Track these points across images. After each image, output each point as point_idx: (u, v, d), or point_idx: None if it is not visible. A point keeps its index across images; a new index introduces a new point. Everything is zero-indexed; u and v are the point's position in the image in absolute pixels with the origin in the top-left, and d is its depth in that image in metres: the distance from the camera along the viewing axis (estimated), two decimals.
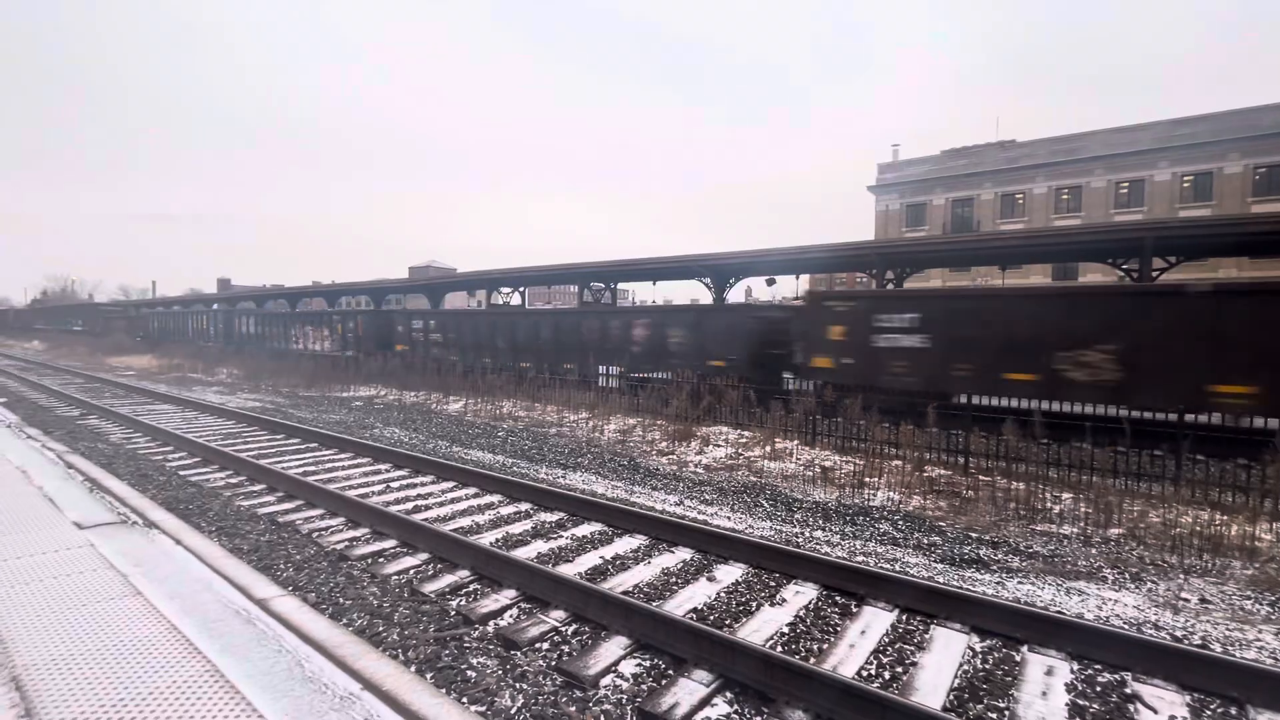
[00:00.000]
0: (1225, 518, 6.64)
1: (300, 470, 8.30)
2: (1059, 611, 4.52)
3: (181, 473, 8.31)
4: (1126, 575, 5.47)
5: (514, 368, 18.47)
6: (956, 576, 5.32)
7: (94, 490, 6.25)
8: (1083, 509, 7.12)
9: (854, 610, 4.56)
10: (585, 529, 6.25)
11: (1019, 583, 5.26)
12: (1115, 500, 7.10)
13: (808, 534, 6.44)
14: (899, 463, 9.09)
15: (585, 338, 17.64)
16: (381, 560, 5.33)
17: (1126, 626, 4.39)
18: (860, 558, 5.69)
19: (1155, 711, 3.40)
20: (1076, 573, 5.54)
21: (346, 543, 5.71)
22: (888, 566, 5.44)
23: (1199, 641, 4.24)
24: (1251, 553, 5.90)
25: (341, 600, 4.53)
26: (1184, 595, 5.06)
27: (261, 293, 44.59)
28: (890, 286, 17.44)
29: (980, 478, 8.32)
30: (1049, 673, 3.75)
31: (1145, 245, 12.85)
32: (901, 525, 6.78)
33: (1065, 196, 36.19)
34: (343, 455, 9.49)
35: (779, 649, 3.96)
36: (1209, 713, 3.42)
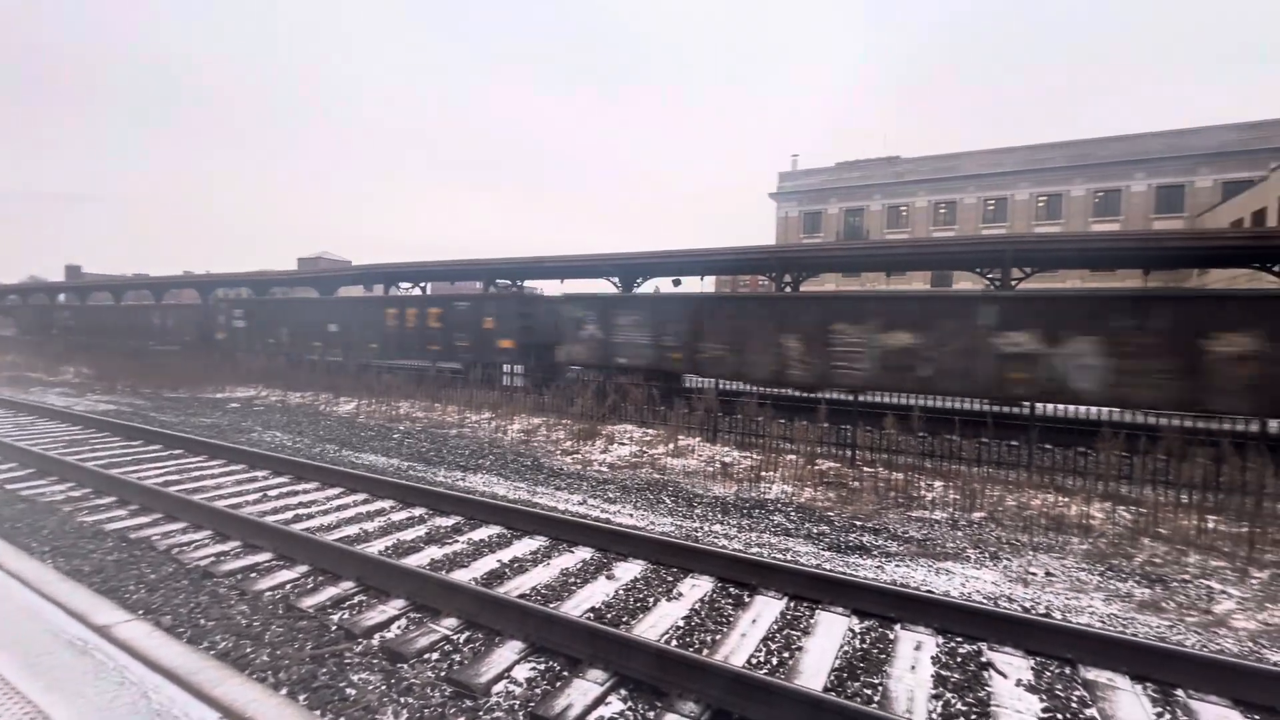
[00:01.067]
0: (1066, 499, 7.51)
1: (160, 480, 7.47)
2: (929, 591, 4.90)
3: (8, 486, 7.22)
4: (986, 554, 6.03)
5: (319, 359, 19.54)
6: (841, 563, 5.64)
7: None
8: (952, 496, 7.79)
9: (746, 600, 4.71)
10: (483, 532, 6.06)
11: (896, 566, 5.66)
12: (979, 487, 7.83)
13: (707, 528, 6.60)
14: (794, 457, 9.54)
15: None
16: (253, 576, 4.89)
17: (985, 601, 4.84)
18: (755, 549, 5.90)
19: (1005, 676, 3.77)
20: (945, 554, 6.04)
21: (212, 558, 5.19)
22: (780, 556, 5.67)
23: (1043, 610, 4.75)
24: (1087, 529, 6.70)
25: (202, 622, 4.11)
26: (1032, 570, 5.66)
27: (120, 282, 39.73)
28: (788, 289, 18.31)
29: (865, 469, 8.90)
30: (917, 648, 4.06)
31: (1006, 257, 14.29)
32: (794, 516, 7.11)
33: (943, 210, 39.61)
34: (213, 462, 8.64)
35: (673, 643, 4.02)
36: (1048, 674, 3.83)
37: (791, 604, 4.65)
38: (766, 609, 4.54)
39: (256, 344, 22.18)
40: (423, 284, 25.73)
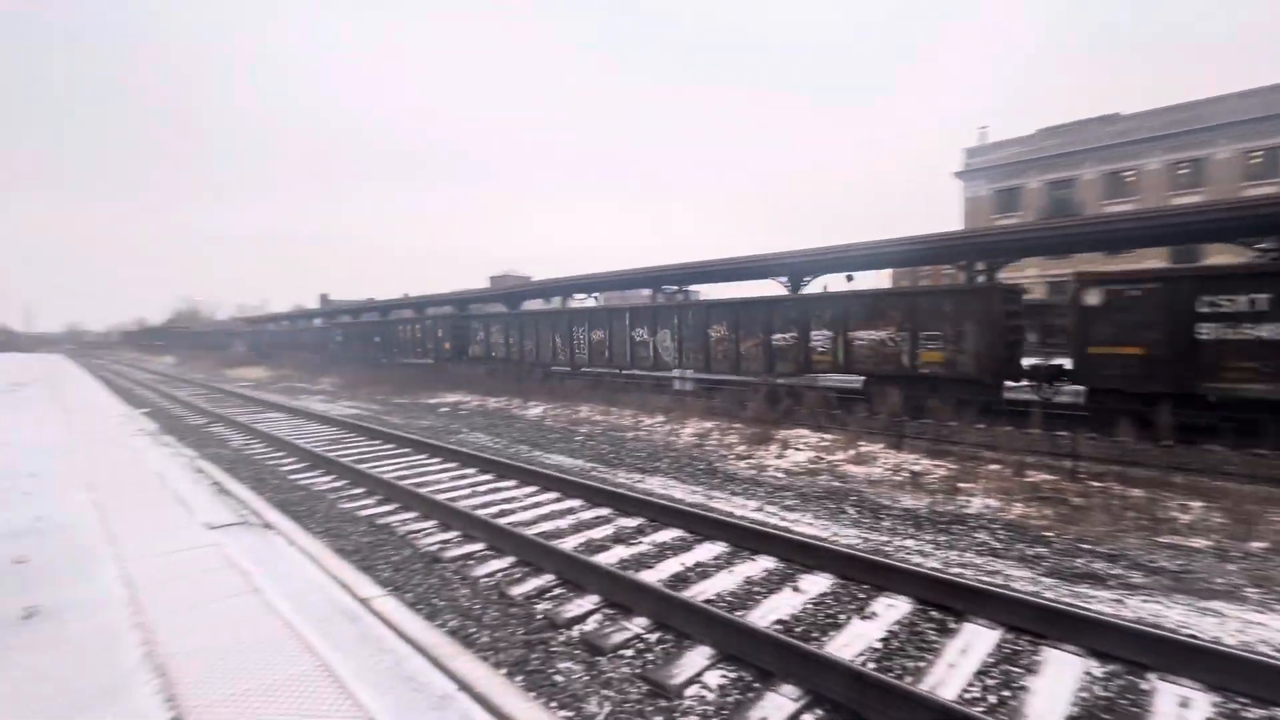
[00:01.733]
0: None
1: (395, 474, 8.79)
2: (1192, 635, 4.07)
3: (291, 477, 9.00)
4: (1274, 595, 4.86)
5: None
6: (1068, 593, 4.91)
7: (219, 493, 6.87)
8: (1216, 519, 6.40)
9: (952, 627, 4.30)
10: (665, 535, 6.25)
11: (1142, 601, 4.79)
12: (1256, 510, 6.34)
13: (897, 543, 6.14)
14: (997, 466, 8.52)
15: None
16: (471, 563, 5.55)
17: (1278, 655, 3.89)
18: (956, 569, 5.36)
19: None
20: (1211, 591, 4.98)
21: (439, 545, 5.98)
22: (988, 580, 5.09)
23: None
24: None
25: (436, 601, 4.75)
26: None
27: (357, 306, 47.71)
28: (981, 279, 16.42)
29: (1091, 483, 7.65)
30: (1184, 704, 3.38)
31: None
32: (1002, 535, 6.34)
33: (1184, 171, 32.75)
34: (432, 460, 9.97)
35: (871, 666, 3.79)
36: None
37: (1009, 636, 4.15)
38: (978, 639, 4.10)
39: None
40: (595, 294, 27.33)
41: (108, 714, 2.80)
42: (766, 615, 4.45)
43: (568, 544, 5.89)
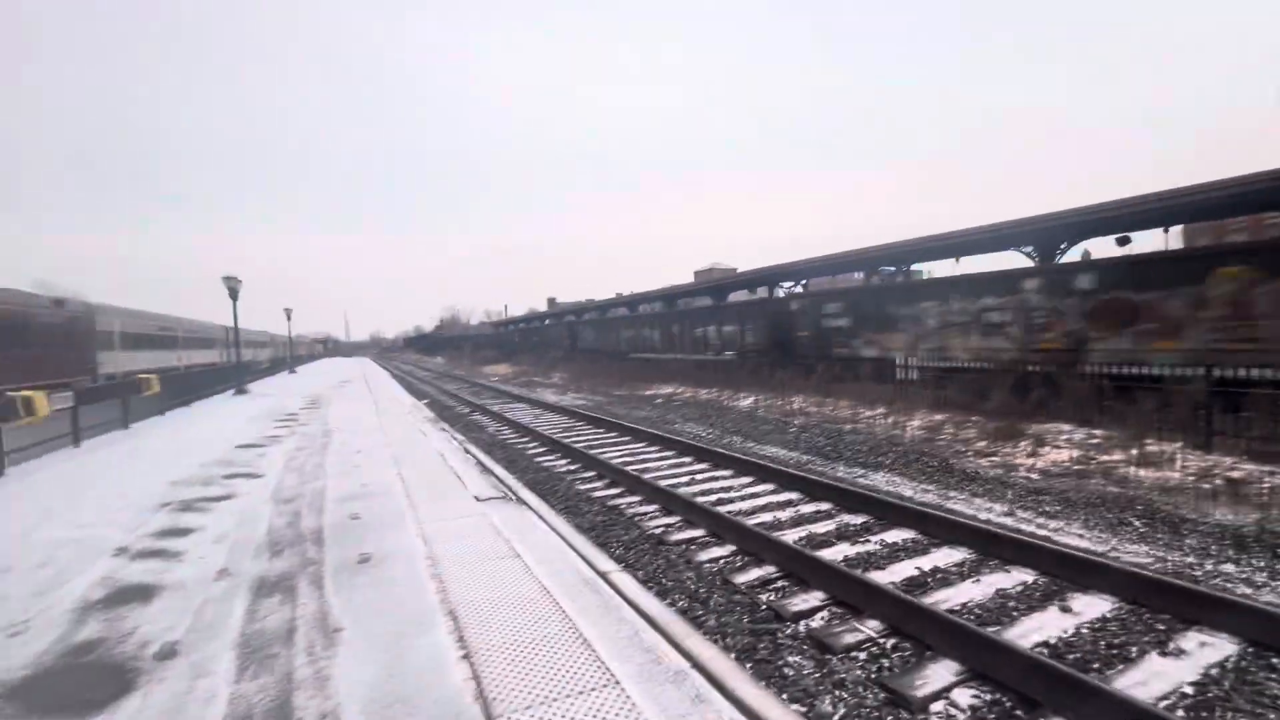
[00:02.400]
0: None
1: (620, 460, 9.49)
2: None
3: (536, 459, 10.25)
4: None
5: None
6: None
7: (483, 471, 8.10)
8: None
9: None
10: (895, 534, 5.80)
11: None
12: None
13: (1211, 567, 4.92)
14: None
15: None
16: (694, 548, 5.76)
17: None
18: None
19: None
20: None
21: (663, 528, 6.32)
22: None
23: None
24: None
25: (664, 581, 5.03)
26: None
27: (579, 307, 52.59)
28: None
29: None
30: None
31: None
32: None
33: None
34: (651, 448, 10.56)
35: (1180, 713, 3.09)
36: None
37: None
38: None
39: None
40: (803, 281, 26.39)
41: (420, 642, 3.48)
42: (1026, 635, 3.89)
43: (788, 537, 5.79)
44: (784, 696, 3.39)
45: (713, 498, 7.27)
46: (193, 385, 20.38)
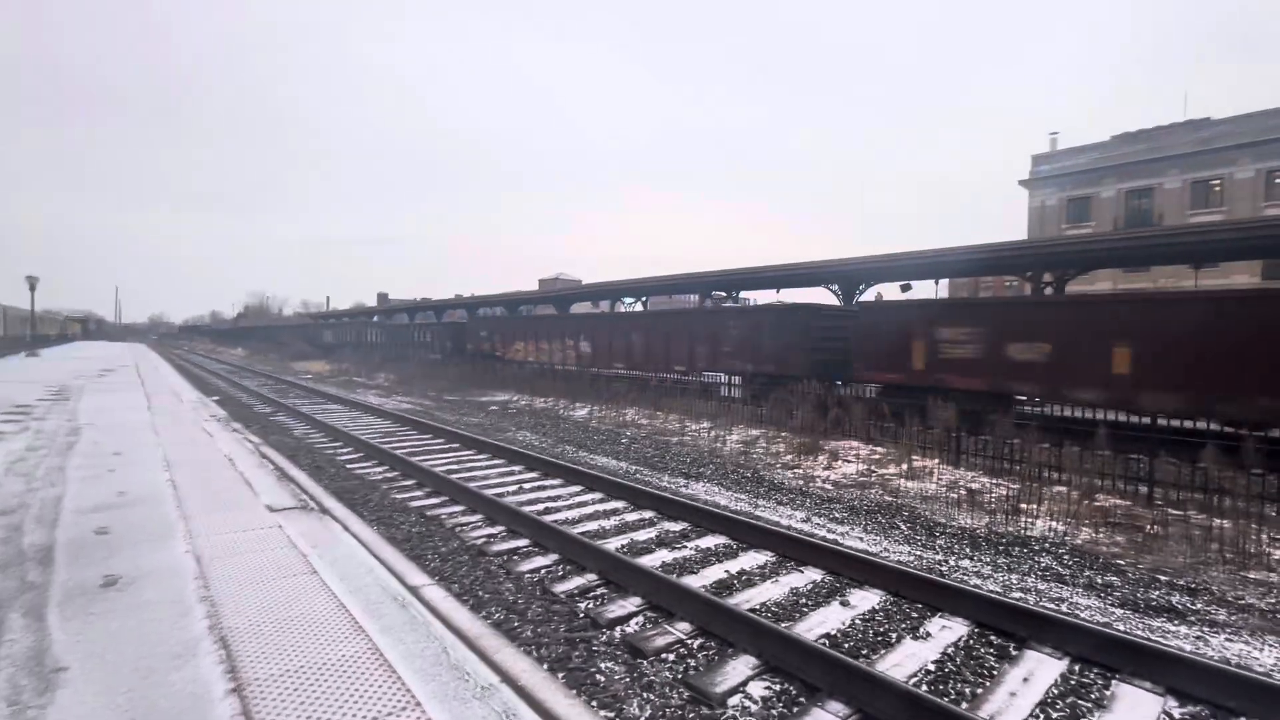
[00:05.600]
0: None
1: (444, 468, 9.00)
2: None
3: (348, 466, 9.34)
4: None
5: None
6: (1142, 625, 4.59)
7: (281, 478, 7.17)
8: None
9: (1013, 653, 4.07)
10: (709, 541, 6.17)
11: (1227, 639, 4.43)
12: None
13: (953, 563, 5.88)
14: (1063, 489, 8.07)
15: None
16: (516, 558, 5.61)
17: None
18: (1018, 594, 5.09)
19: None
20: None
21: (485, 539, 6.07)
22: (1052, 607, 4.81)
23: None
24: None
25: (481, 593, 4.82)
26: None
27: (412, 305, 49.33)
28: (1048, 291, 15.65)
29: (1169, 511, 7.15)
30: None
31: None
32: (1068, 560, 5.98)
33: (1279, 180, 30.45)
34: (480, 456, 10.16)
35: (925, 688, 3.63)
36: None
37: (1076, 667, 3.90)
38: (1041, 668, 3.87)
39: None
40: (643, 298, 27.40)
41: (175, 678, 2.94)
42: (813, 628, 4.33)
43: (611, 544, 5.88)
44: (594, 704, 3.40)
45: (540, 507, 7.16)
46: None
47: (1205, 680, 3.58)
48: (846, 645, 4.12)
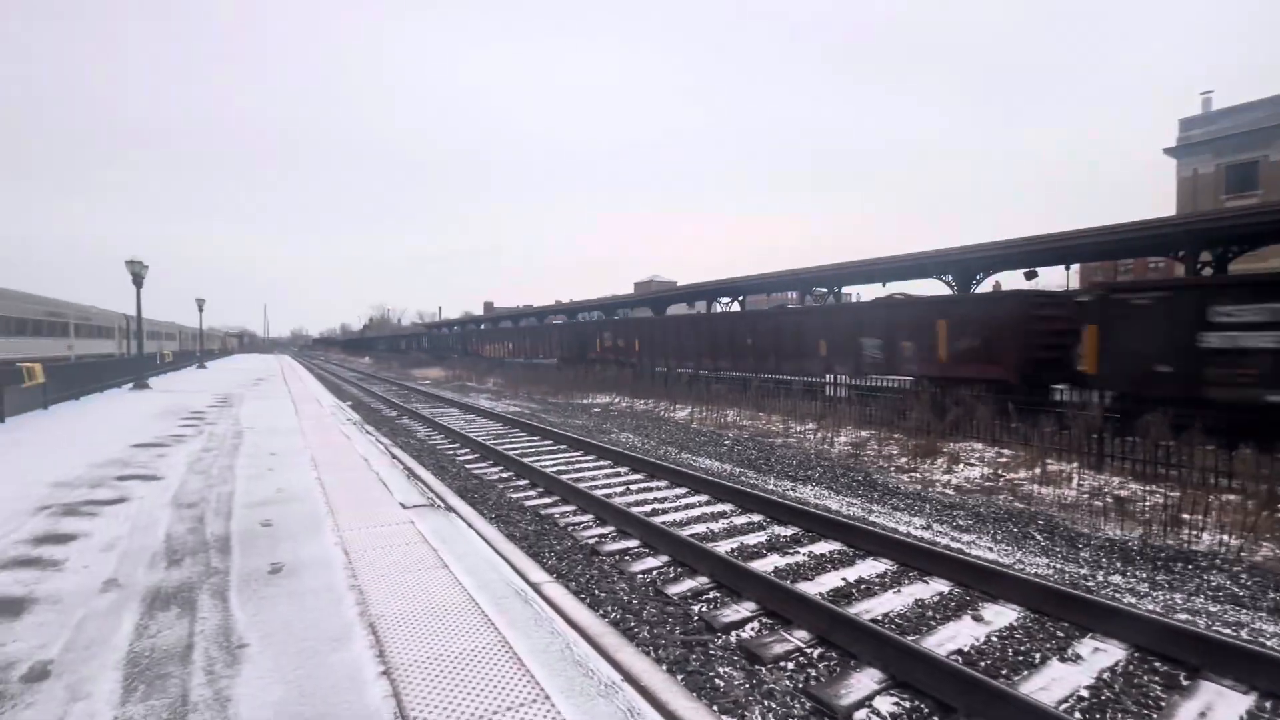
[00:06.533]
0: None
1: (554, 469, 9.34)
2: None
3: (467, 466, 9.94)
4: None
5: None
6: None
7: (410, 477, 7.76)
8: None
9: (1184, 684, 3.61)
10: (823, 546, 5.97)
11: None
12: None
13: (1101, 578, 5.32)
14: (1234, 497, 7.07)
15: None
16: (627, 558, 5.71)
17: None
18: (1184, 616, 4.52)
19: None
20: None
21: (597, 538, 6.24)
22: (1229, 632, 4.23)
23: None
24: None
25: (597, 592, 4.96)
26: None
27: (516, 312, 51.71)
28: (1208, 272, 13.77)
29: None
30: None
31: None
32: (1245, 580, 5.23)
33: None
34: (586, 457, 10.46)
35: (1079, 715, 3.30)
36: None
37: (1268, 704, 3.39)
38: (1221, 702, 3.41)
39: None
40: (740, 296, 27.03)
41: (334, 659, 3.26)
42: (943, 644, 4.07)
43: (721, 548, 5.85)
44: (715, 708, 3.39)
45: (647, 508, 7.26)
46: (84, 376, 18.59)
47: None
48: (983, 664, 3.84)
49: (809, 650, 4.01)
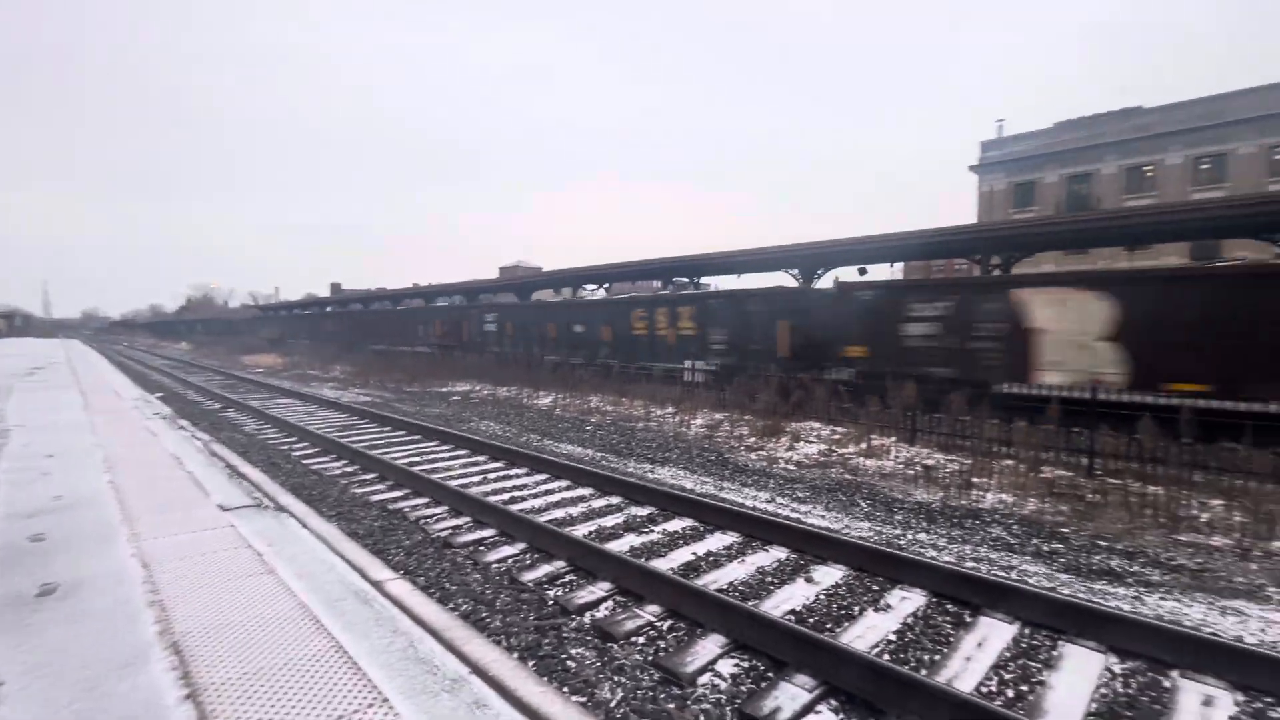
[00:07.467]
0: None
1: (406, 461, 8.82)
2: (1213, 633, 4.00)
3: (305, 461, 9.05)
4: None
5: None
6: (1084, 589, 4.84)
7: (233, 476, 6.91)
8: (1237, 518, 6.29)
9: (968, 621, 4.25)
10: (676, 524, 6.22)
11: (1160, 599, 4.71)
12: (1278, 509, 6.23)
13: (911, 536, 6.09)
14: (1011, 462, 8.43)
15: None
16: (483, 548, 5.55)
17: None
18: (971, 564, 5.31)
19: None
20: (1233, 590, 4.89)
21: (450, 530, 5.99)
22: (1003, 575, 5.03)
23: None
24: None
25: (448, 585, 4.75)
26: None
27: (367, 295, 47.92)
28: (996, 273, 16.21)
29: (1109, 480, 7.55)
30: (1207, 703, 3.32)
31: None
32: (1017, 530, 6.26)
33: (1205, 167, 32.18)
34: (443, 447, 9.99)
35: (886, 657, 3.75)
36: None
37: (1026, 631, 4.09)
38: (994, 633, 4.05)
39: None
40: (605, 284, 27.27)
41: (124, 687, 2.81)
42: (780, 605, 4.42)
43: (579, 531, 5.87)
44: (565, 689, 3.40)
45: (505, 496, 7.10)
46: None
47: (1142, 637, 3.81)
48: (812, 620, 4.23)
49: (659, 624, 4.16)
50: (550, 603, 4.48)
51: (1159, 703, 3.35)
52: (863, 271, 18.48)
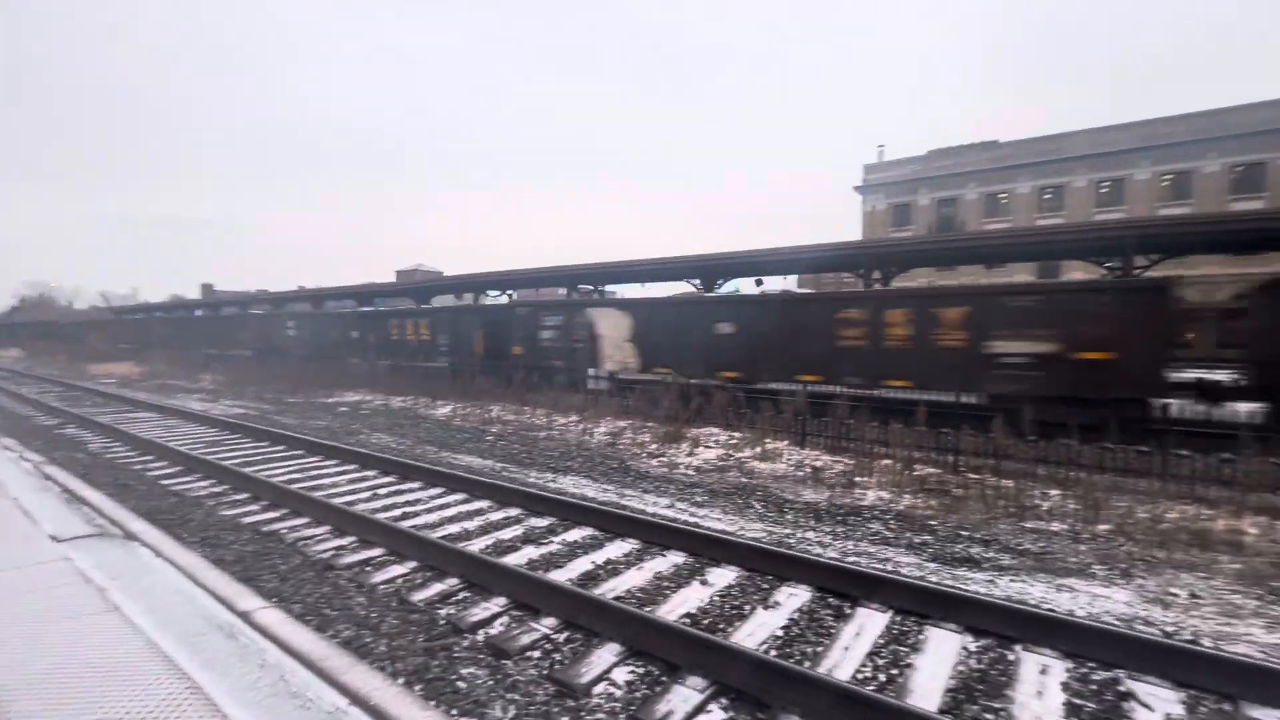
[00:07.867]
0: (1211, 512, 6.71)
1: (285, 478, 8.16)
2: (1050, 609, 4.52)
3: (163, 482, 8.13)
4: (1115, 571, 5.49)
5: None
6: (949, 575, 5.31)
7: (71, 501, 6.09)
8: (1071, 505, 7.16)
9: (848, 612, 4.53)
10: (576, 534, 6.19)
11: (1010, 580, 5.26)
12: (1102, 496, 7.16)
13: (800, 535, 6.41)
14: (889, 462, 9.11)
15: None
16: (369, 569, 5.23)
17: (1118, 623, 4.40)
18: (852, 558, 5.67)
19: (1150, 709, 3.40)
20: (1066, 569, 5.56)
21: (333, 552, 5.60)
22: (880, 567, 5.42)
23: (1189, 637, 4.26)
24: (1238, 546, 5.96)
25: (328, 611, 4.43)
26: (1173, 590, 5.09)
27: (246, 298, 43.97)
28: (877, 285, 17.54)
29: (970, 476, 8.35)
30: (1043, 671, 3.74)
31: (1127, 244, 13.00)
32: (893, 525, 6.77)
33: (1048, 196, 36.64)
34: (328, 462, 9.34)
35: (773, 653, 3.92)
36: (1203, 709, 3.42)
37: (898, 618, 4.43)
38: (870, 622, 4.35)
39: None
40: (509, 291, 26.74)
41: None
42: (675, 609, 4.51)
43: (474, 546, 5.69)
44: (453, 712, 3.27)
45: (396, 512, 6.74)
46: None
47: (992, 617, 4.24)
48: (705, 622, 4.34)
49: (555, 636, 4.10)
50: (441, 622, 4.30)
51: (1005, 675, 3.74)
52: (759, 283, 19.36)
